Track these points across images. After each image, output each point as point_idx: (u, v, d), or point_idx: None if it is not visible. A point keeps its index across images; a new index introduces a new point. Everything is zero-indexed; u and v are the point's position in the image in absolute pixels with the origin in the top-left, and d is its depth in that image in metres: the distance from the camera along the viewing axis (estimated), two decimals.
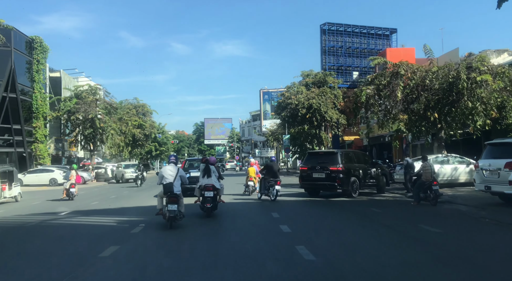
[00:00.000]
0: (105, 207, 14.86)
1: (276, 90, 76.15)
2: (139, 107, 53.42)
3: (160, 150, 59.64)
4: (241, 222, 10.84)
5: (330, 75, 38.76)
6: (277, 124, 66.85)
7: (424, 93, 19.38)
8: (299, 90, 37.79)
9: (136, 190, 24.60)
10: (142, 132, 51.62)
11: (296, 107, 36.82)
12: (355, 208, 13.48)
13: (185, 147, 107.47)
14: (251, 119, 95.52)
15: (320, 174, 16.19)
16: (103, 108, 39.33)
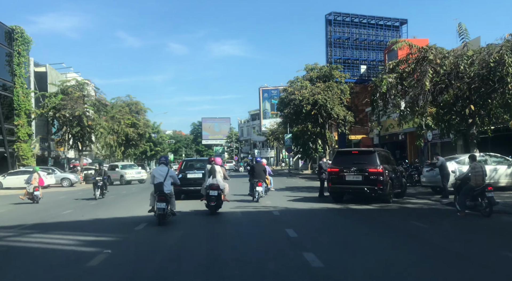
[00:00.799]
0: (76, 218, 11.91)
1: (276, 88, 73.31)
2: (132, 105, 50.45)
3: (155, 150, 56.59)
4: (243, 246, 7.90)
5: (337, 68, 35.89)
6: (277, 124, 64.00)
7: (456, 82, 16.51)
8: (303, 85, 34.91)
9: (124, 195, 21.65)
10: (136, 131, 48.63)
11: (300, 103, 33.93)
12: (390, 220, 10.58)
13: (183, 147, 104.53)
14: (250, 119, 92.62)
15: (356, 176, 13.62)
16: (91, 105, 36.34)
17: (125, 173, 32.97)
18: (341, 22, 37.81)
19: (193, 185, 15.45)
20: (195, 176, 16.05)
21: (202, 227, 10.04)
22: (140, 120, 49.78)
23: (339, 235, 8.67)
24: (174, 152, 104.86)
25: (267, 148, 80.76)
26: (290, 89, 35.45)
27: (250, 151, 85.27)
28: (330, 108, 33.96)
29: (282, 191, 20.26)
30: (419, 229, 9.23)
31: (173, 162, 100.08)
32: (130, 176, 33.16)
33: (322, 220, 11.01)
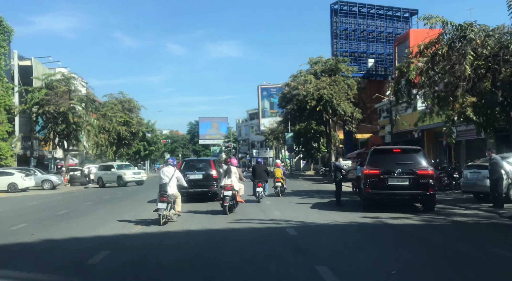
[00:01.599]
0: (20, 239, 8.66)
1: (275, 86, 70.20)
2: (125, 102, 47.13)
3: (149, 149, 53.29)
4: None
5: (343, 61, 32.85)
6: (277, 122, 60.88)
7: (502, 66, 13.44)
8: (308, 79, 31.81)
9: (104, 200, 18.46)
10: (128, 130, 45.40)
11: (304, 99, 30.84)
12: (455, 244, 7.34)
13: (179, 147, 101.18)
14: (248, 118, 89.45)
15: (402, 180, 10.93)
16: (78, 100, 33.09)
17: (123, 173, 29.91)
18: (347, 12, 34.79)
19: (193, 187, 14.19)
20: (195, 177, 14.84)
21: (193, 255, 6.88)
22: (133, 118, 46.52)
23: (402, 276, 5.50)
24: (170, 152, 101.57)
25: (265, 148, 77.62)
26: (293, 83, 32.35)
27: (249, 151, 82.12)
28: (337, 104, 30.90)
29: (289, 197, 17.12)
30: (495, 257, 6.15)
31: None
32: (130, 177, 30.07)
33: (361, 244, 7.67)
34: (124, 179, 29.49)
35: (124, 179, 29.49)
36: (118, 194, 22.59)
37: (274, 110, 70.16)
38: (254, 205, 13.84)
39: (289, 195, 18.09)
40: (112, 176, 30.09)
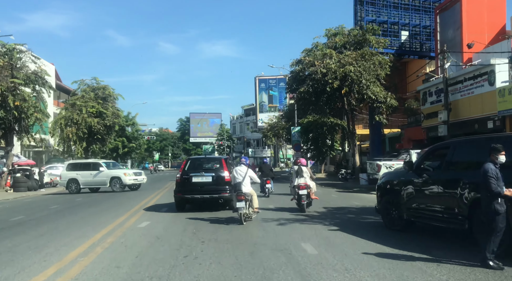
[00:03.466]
0: None
1: (274, 78, 61.87)
2: (98, 90, 38.29)
3: (129, 146, 44.46)
4: None
5: (373, 31, 24.63)
6: (277, 117, 52.53)
7: None
8: (327, 53, 23.47)
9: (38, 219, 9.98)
10: (102, 122, 36.64)
11: (323, 78, 22.51)
12: None
13: (169, 145, 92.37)
14: (244, 114, 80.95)
15: None
16: (24, 79, 24.43)
17: (123, 173, 22.15)
18: None
19: (199, 191, 11.52)
20: (202, 180, 11.63)
21: None
22: (108, 108, 37.74)
23: None
24: (160, 150, 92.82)
25: (262, 146, 69.25)
26: (308, 59, 23.92)
27: (244, 149, 73.68)
28: (366, 86, 22.62)
29: (326, 223, 9.33)
30: None
31: (158, 162, 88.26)
32: (131, 179, 22.24)
33: None
34: (124, 181, 21.80)
35: (124, 181, 21.80)
36: (77, 201, 14.10)
37: (273, 104, 61.91)
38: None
39: (325, 218, 10.03)
40: (99, 177, 22.10)
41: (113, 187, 21.84)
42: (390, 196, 8.10)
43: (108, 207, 14.94)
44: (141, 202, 15.93)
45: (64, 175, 22.90)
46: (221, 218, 10.75)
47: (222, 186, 11.61)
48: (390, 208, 7.99)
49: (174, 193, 11.84)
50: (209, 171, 11.93)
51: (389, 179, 8.41)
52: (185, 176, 11.76)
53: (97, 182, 22.20)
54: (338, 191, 19.76)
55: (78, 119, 35.18)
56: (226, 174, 11.64)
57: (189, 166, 12.41)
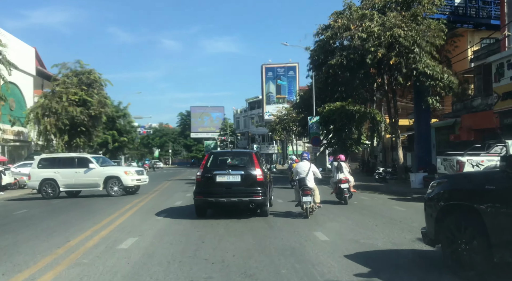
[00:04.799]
0: None
1: (283, 66, 55.95)
2: (82, 74, 32.31)
3: (120, 140, 38.53)
4: None
5: None
6: (286, 109, 46.63)
7: None
8: (366, 14, 17.58)
9: None
10: (86, 112, 30.78)
11: (362, 45, 16.69)
12: None
13: (169, 141, 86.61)
14: (248, 108, 74.99)
15: None
16: None
17: (123, 172, 16.73)
18: None
19: (225, 194, 9.08)
20: (229, 180, 9.20)
21: None
22: (93, 96, 31.83)
23: None
24: (160, 146, 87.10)
25: (268, 141, 63.41)
26: (341, 21, 17.92)
27: (248, 145, 67.86)
28: (419, 58, 16.78)
29: None
30: None
31: (157, 159, 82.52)
32: (134, 179, 16.70)
33: None
34: (125, 183, 16.33)
35: (125, 183, 16.33)
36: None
37: (281, 95, 56.03)
38: None
39: None
40: (88, 177, 16.36)
41: (109, 190, 16.13)
42: (458, 217, 4.58)
43: (77, 215, 9.45)
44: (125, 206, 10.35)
45: (34, 173, 16.86)
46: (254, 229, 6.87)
47: (254, 187, 9.20)
48: (459, 238, 4.48)
49: (194, 195, 9.45)
50: (237, 168, 9.70)
51: (456, 188, 4.80)
52: (208, 175, 9.40)
53: (86, 183, 16.38)
54: (392, 198, 13.92)
55: (57, 109, 29.30)
56: (258, 172, 9.28)
57: (212, 162, 10.08)
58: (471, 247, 4.27)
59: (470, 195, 4.38)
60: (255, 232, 7.56)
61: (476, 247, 4.22)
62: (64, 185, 16.40)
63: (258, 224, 8.48)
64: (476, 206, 4.17)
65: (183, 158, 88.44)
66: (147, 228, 8.05)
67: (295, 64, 55.64)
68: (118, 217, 9.83)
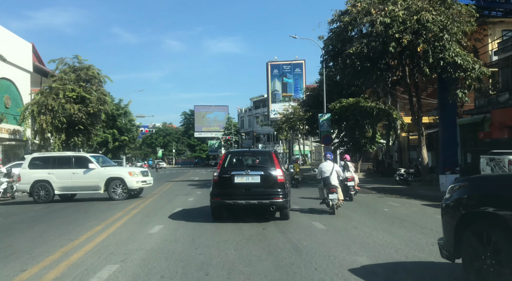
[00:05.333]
0: None
1: (289, 63, 53.95)
2: (80, 70, 30.46)
3: (121, 139, 36.67)
4: None
5: None
6: (293, 107, 44.63)
7: None
8: None
9: None
10: (84, 109, 28.94)
11: (385, 31, 14.73)
12: None
13: (172, 141, 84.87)
14: (253, 107, 73.02)
15: None
16: None
17: (127, 173, 14.75)
18: None
19: (244, 196, 8.44)
20: (248, 181, 8.55)
21: None
22: (91, 93, 29.98)
23: None
24: (163, 146, 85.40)
25: (273, 141, 61.46)
26: (361, 5, 15.90)
27: (253, 145, 65.95)
28: (448, 45, 14.79)
29: None
30: None
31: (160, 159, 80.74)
32: (139, 181, 14.81)
33: None
34: (129, 185, 14.39)
35: (129, 185, 14.39)
36: None
37: (287, 93, 54.04)
38: None
39: None
40: (87, 179, 14.49)
41: (111, 193, 14.29)
42: (481, 227, 3.76)
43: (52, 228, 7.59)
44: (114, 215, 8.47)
45: (25, 174, 14.99)
46: None
47: (274, 189, 8.54)
48: (483, 252, 3.70)
49: (211, 197, 8.75)
50: (256, 169, 9.01)
51: (479, 193, 3.91)
52: (225, 175, 8.75)
53: (84, 185, 14.49)
54: (426, 204, 11.91)
55: (54, 106, 27.49)
56: (278, 173, 8.61)
57: (230, 162, 9.58)
58: (498, 263, 3.57)
59: (496, 201, 3.68)
60: (277, 255, 5.63)
61: (504, 263, 3.51)
62: (59, 187, 14.55)
63: (278, 241, 6.55)
64: (503, 213, 3.51)
65: (186, 157, 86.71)
66: (134, 248, 6.15)
67: (302, 61, 53.65)
68: (103, 229, 7.93)
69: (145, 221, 8.88)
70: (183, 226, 8.12)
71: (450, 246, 4.09)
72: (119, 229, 7.93)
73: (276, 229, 7.75)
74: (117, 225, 8.42)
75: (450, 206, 4.14)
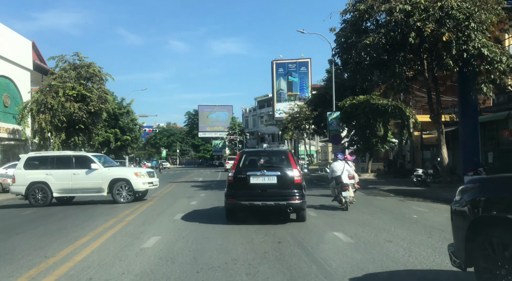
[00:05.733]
0: None
1: (294, 61, 52.63)
2: (81, 68, 29.26)
3: (123, 139, 35.43)
4: None
5: None
6: (299, 106, 43.27)
7: None
8: None
9: None
10: (85, 108, 27.73)
11: (406, 21, 13.38)
12: None
13: (176, 141, 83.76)
14: (257, 107, 71.71)
15: None
16: None
17: (133, 174, 13.63)
18: None
19: (260, 197, 8.10)
20: (264, 182, 8.22)
21: None
22: (92, 91, 28.75)
23: None
24: (167, 146, 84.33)
25: (278, 141, 60.12)
26: None
27: (257, 145, 64.67)
28: (474, 35, 13.42)
29: None
30: None
31: (164, 159, 79.62)
32: (146, 182, 13.73)
33: None
34: (135, 187, 13.31)
35: (135, 187, 13.31)
36: None
37: (292, 93, 52.71)
38: None
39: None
40: (89, 180, 13.31)
41: (116, 196, 13.12)
42: (494, 234, 3.39)
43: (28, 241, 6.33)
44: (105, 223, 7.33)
45: (20, 175, 13.72)
46: None
47: (291, 190, 8.10)
48: (497, 261, 3.33)
49: (226, 198, 8.27)
50: (272, 169, 8.38)
51: (491, 195, 3.49)
52: (241, 175, 8.27)
53: (86, 187, 13.27)
54: None
55: (53, 104, 26.30)
56: (295, 173, 8.19)
57: (245, 162, 9.07)
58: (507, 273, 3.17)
59: (509, 204, 3.24)
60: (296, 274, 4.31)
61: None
62: (58, 189, 13.33)
63: (299, 261, 5.22)
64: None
65: (190, 158, 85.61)
66: (120, 271, 4.85)
67: (308, 60, 52.25)
68: (88, 243, 6.65)
69: (140, 231, 7.59)
70: (183, 238, 6.82)
71: (461, 254, 3.74)
72: (107, 242, 6.64)
73: (294, 241, 6.44)
74: (106, 236, 7.13)
75: (460, 209, 3.77)
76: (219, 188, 18.82)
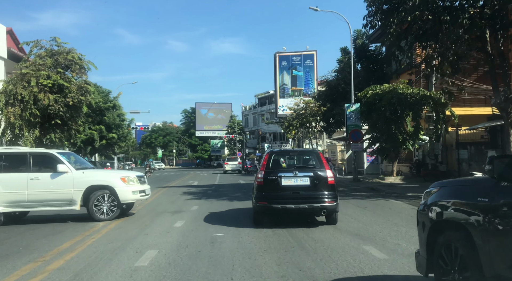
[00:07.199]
0: None
1: (299, 54, 48.64)
2: (59, 55, 24.95)
3: (109, 136, 31.26)
4: None
5: None
6: (306, 101, 39.20)
7: None
8: None
9: None
10: (62, 100, 23.49)
11: None
12: None
13: (173, 140, 79.77)
14: (258, 104, 67.69)
15: None
16: None
17: (120, 179, 9.59)
18: None
19: (292, 199, 7.76)
20: (296, 183, 7.86)
21: None
22: (71, 81, 24.51)
23: None
24: (163, 146, 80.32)
25: (280, 140, 56.11)
26: None
27: (258, 145, 60.64)
28: None
29: None
30: None
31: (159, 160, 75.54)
32: (137, 191, 9.81)
33: None
34: (122, 198, 9.40)
35: (122, 198, 9.40)
36: None
37: (297, 88, 48.74)
38: None
39: None
40: (53, 188, 9.24)
41: (92, 210, 9.27)
42: (449, 239, 3.42)
43: None
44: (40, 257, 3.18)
45: None
46: None
47: (325, 192, 7.81)
48: (451, 267, 3.37)
49: (255, 201, 7.93)
50: (304, 170, 8.09)
51: (448, 199, 3.48)
52: (271, 177, 7.91)
53: (50, 198, 9.24)
54: None
55: (24, 95, 22.10)
56: (329, 174, 7.95)
57: (274, 163, 8.46)
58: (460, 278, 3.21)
59: (462, 209, 3.25)
60: None
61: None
62: (7, 202, 9.18)
63: None
64: (468, 225, 3.13)
65: (187, 158, 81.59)
66: None
67: (313, 52, 48.26)
68: None
69: None
70: None
71: (422, 259, 3.68)
72: None
73: None
74: None
75: (422, 213, 3.74)
76: (217, 197, 14.82)
